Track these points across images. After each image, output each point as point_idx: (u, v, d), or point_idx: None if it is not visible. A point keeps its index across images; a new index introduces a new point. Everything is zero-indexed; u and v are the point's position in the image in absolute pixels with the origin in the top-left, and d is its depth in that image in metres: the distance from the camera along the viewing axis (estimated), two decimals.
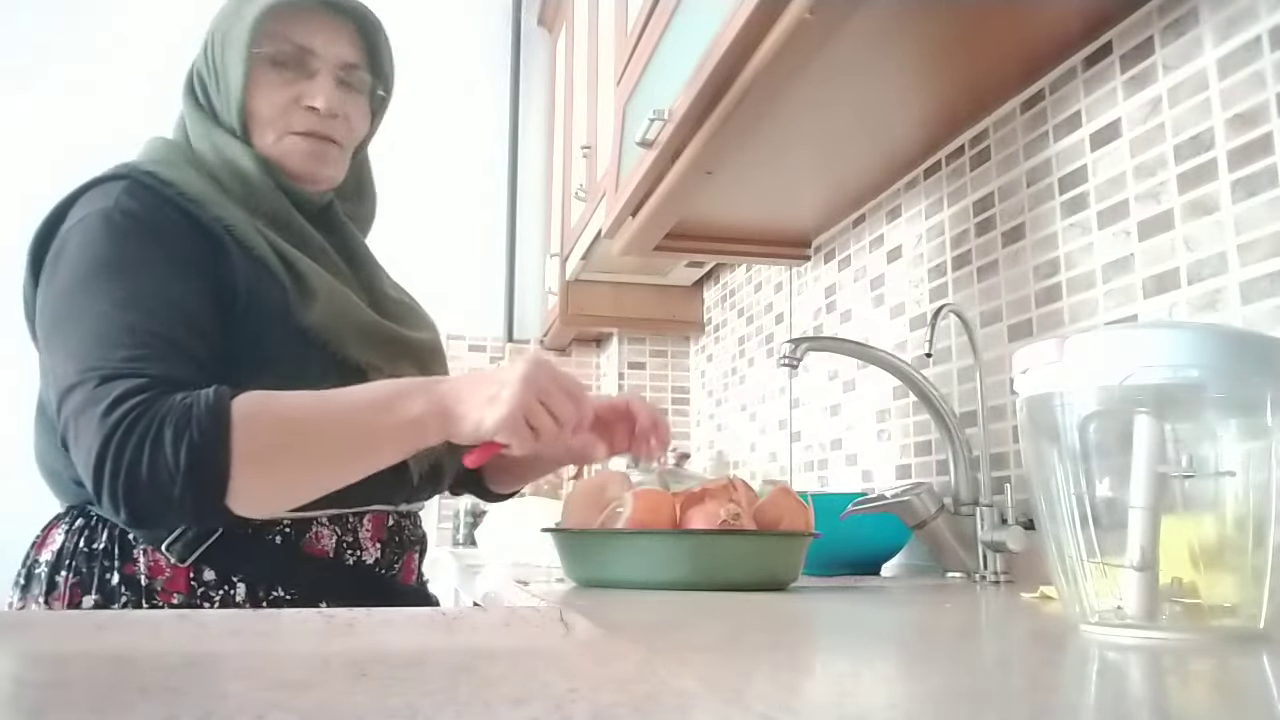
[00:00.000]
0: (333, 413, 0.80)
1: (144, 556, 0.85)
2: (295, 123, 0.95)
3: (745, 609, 0.72)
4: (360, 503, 0.91)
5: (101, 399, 0.75)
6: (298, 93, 0.95)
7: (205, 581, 0.85)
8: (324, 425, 0.79)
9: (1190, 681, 0.43)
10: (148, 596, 0.84)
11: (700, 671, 0.43)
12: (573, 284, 2.59)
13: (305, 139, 0.95)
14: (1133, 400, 0.54)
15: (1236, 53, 0.94)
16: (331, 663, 0.47)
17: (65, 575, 0.85)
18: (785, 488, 1.00)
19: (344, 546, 0.91)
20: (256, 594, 0.86)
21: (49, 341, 0.83)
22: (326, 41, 0.95)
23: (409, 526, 0.99)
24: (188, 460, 0.73)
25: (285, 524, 0.88)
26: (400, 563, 0.97)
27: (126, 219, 0.83)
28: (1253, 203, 0.91)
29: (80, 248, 0.83)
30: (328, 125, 0.96)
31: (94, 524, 0.87)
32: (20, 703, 0.38)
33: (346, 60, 0.97)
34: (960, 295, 1.38)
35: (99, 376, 0.76)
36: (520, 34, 3.18)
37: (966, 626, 0.68)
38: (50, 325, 0.83)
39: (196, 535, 0.84)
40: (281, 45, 0.94)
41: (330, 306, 0.89)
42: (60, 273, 0.83)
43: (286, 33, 0.94)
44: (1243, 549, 0.53)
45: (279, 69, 0.94)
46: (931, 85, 1.25)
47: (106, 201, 0.84)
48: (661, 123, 1.34)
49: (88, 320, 0.79)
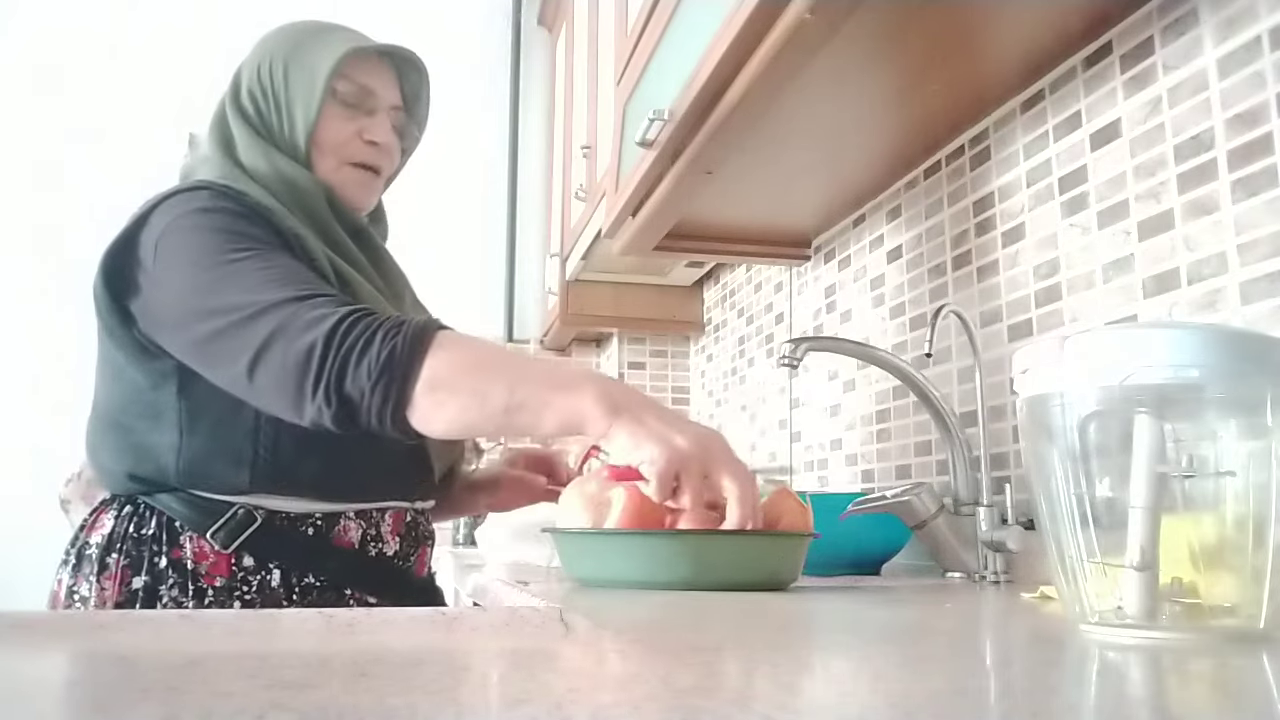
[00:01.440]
0: (515, 368, 0.83)
1: (189, 543, 0.92)
2: (354, 154, 1.05)
3: (745, 609, 0.72)
4: (383, 498, 1.00)
5: (317, 307, 0.82)
6: (359, 128, 1.05)
7: (245, 567, 0.93)
8: (506, 375, 0.81)
9: (1190, 681, 0.43)
10: (193, 579, 0.91)
11: (700, 671, 0.43)
12: (573, 284, 2.59)
13: (360, 170, 1.06)
14: (1133, 400, 0.54)
15: (1236, 53, 0.94)
16: (331, 663, 0.47)
17: (116, 557, 0.92)
18: (785, 488, 1.00)
19: (368, 539, 0.99)
20: (290, 580, 0.94)
21: (199, 303, 0.86)
22: (384, 85, 1.08)
23: (422, 522, 1.07)
24: (384, 363, 0.79)
25: (317, 517, 0.96)
26: (415, 555, 1.05)
27: (224, 214, 0.91)
28: (1253, 203, 0.91)
29: (197, 234, 0.89)
30: (379, 158, 1.07)
31: (142, 512, 0.94)
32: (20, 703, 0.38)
33: (395, 103, 1.09)
34: (960, 295, 1.38)
35: (298, 297, 0.83)
36: (520, 34, 3.18)
37: (966, 626, 0.68)
38: (196, 291, 0.87)
39: (238, 524, 0.92)
40: (351, 86, 1.05)
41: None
42: (184, 258, 0.88)
43: (355, 74, 1.05)
44: (1243, 549, 0.53)
45: (347, 106, 1.05)
46: (932, 85, 1.25)
47: (196, 203, 0.91)
48: (661, 123, 1.34)
49: (251, 273, 0.85)
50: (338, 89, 1.04)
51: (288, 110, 1.03)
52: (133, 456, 0.95)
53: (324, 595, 0.95)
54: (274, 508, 0.94)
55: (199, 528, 0.92)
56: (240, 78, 1.06)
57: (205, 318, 0.86)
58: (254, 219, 0.92)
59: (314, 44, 1.04)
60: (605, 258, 2.30)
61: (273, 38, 1.07)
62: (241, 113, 1.05)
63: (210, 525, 0.92)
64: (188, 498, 0.93)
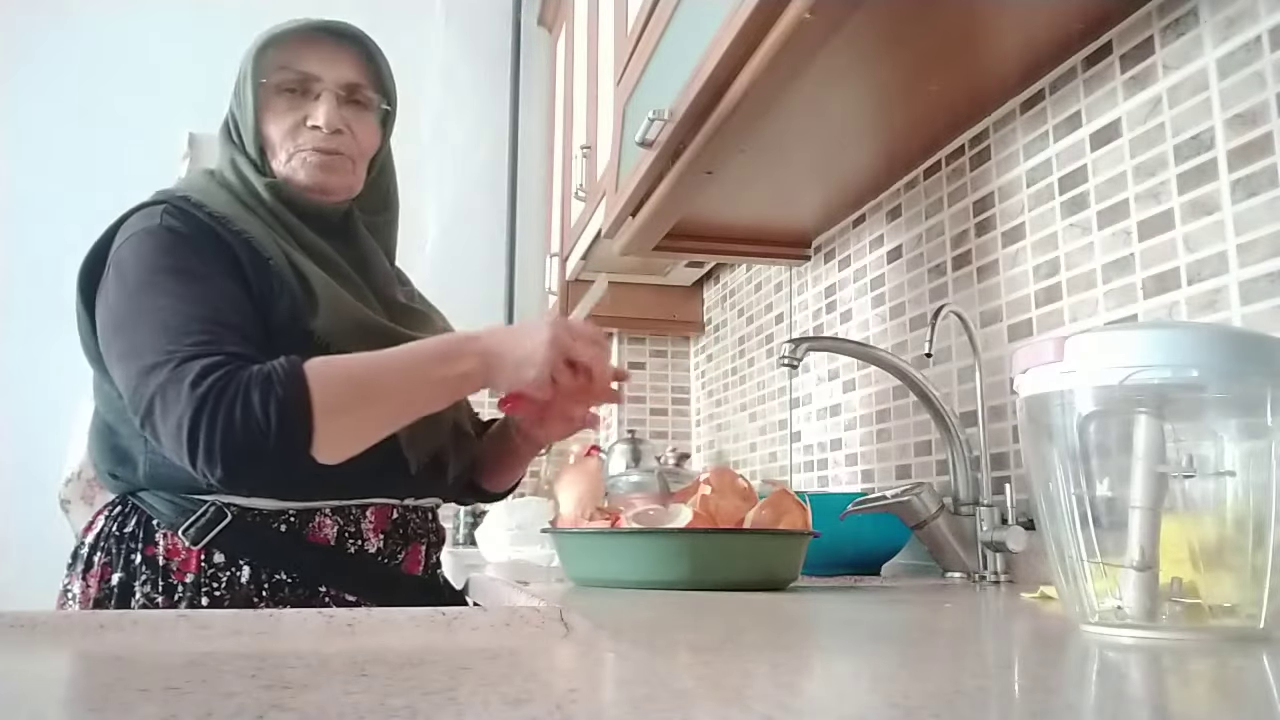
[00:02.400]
0: (395, 368, 0.90)
1: (163, 540, 0.94)
2: (303, 142, 1.03)
3: (745, 609, 0.72)
4: (361, 495, 0.98)
5: (185, 375, 0.83)
6: (303, 115, 1.03)
7: (215, 564, 0.93)
8: (389, 378, 0.89)
9: (1190, 681, 0.43)
10: (164, 576, 0.93)
11: (700, 671, 0.43)
12: (573, 284, 2.59)
13: (312, 154, 1.03)
14: (1133, 400, 0.54)
15: (1236, 53, 0.94)
16: (331, 663, 0.47)
17: (100, 555, 0.96)
18: (785, 488, 1.00)
19: (346, 536, 0.98)
20: (260, 577, 0.94)
21: (114, 341, 0.91)
22: (326, 66, 1.04)
23: (415, 520, 1.05)
24: (278, 416, 0.82)
25: (290, 514, 0.95)
26: (405, 553, 1.03)
27: (171, 233, 0.93)
28: (1253, 203, 0.91)
29: (135, 259, 0.92)
30: (332, 141, 1.03)
31: (127, 511, 0.97)
32: (20, 702, 0.38)
33: (349, 80, 1.05)
34: (960, 295, 1.38)
35: (178, 358, 0.85)
36: (520, 34, 3.18)
37: (966, 626, 0.67)
38: (116, 327, 0.91)
39: (209, 521, 0.93)
40: (286, 74, 1.03)
41: (333, 312, 0.96)
42: (119, 283, 0.92)
43: (289, 62, 1.03)
44: (1243, 549, 0.53)
45: (285, 95, 1.03)
46: (932, 85, 1.25)
47: (151, 221, 0.94)
48: (661, 123, 1.34)
49: (155, 315, 0.88)
50: (274, 80, 1.02)
51: (243, 114, 1.05)
52: (113, 457, 0.98)
53: (296, 592, 0.94)
54: (246, 505, 0.94)
55: (172, 525, 0.94)
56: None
57: (114, 356, 0.91)
58: (199, 240, 0.94)
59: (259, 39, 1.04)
60: (605, 258, 2.30)
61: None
62: (225, 127, 1.08)
63: (183, 523, 0.93)
64: (164, 496, 0.95)
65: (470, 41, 3.15)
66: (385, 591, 0.99)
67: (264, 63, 1.02)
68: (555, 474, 2.52)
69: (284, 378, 0.84)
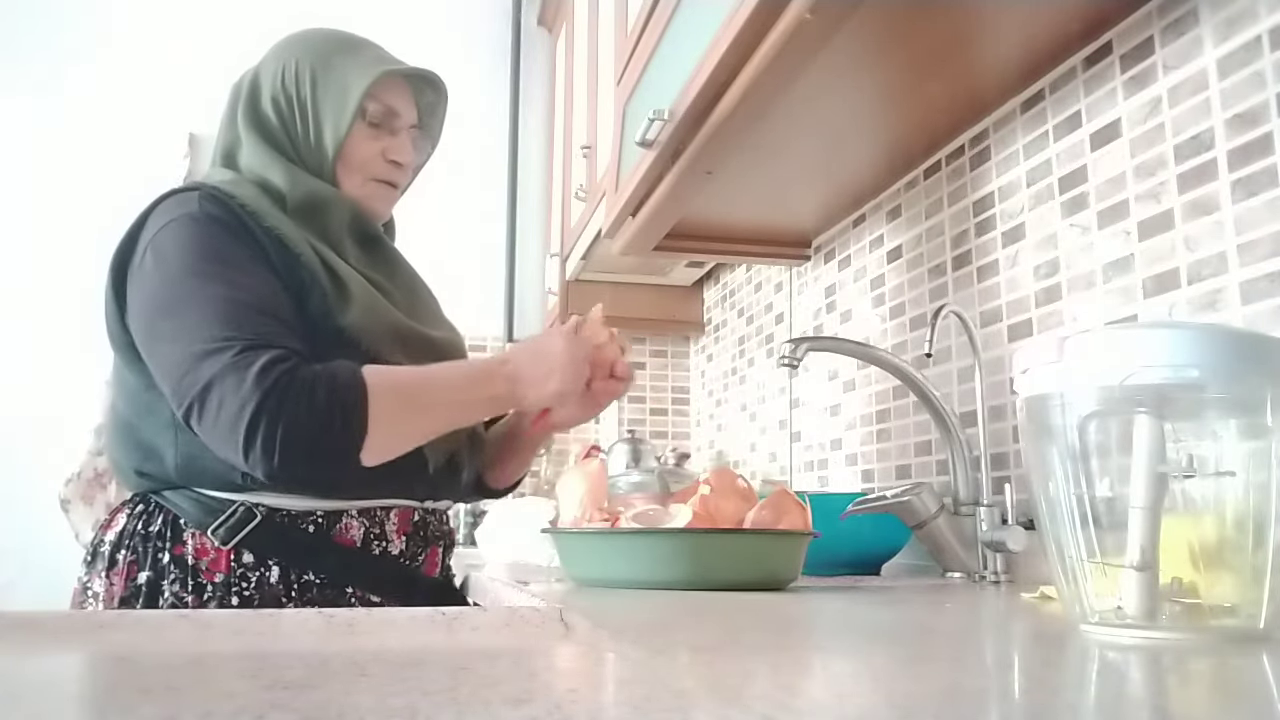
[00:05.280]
0: (438, 385, 0.95)
1: (192, 539, 0.94)
2: (378, 172, 1.09)
3: (745, 609, 0.72)
4: (386, 496, 1.00)
5: (249, 363, 0.85)
6: (384, 147, 1.08)
7: (244, 564, 0.94)
8: (432, 394, 0.94)
9: (1190, 681, 0.43)
10: (193, 575, 0.93)
11: (700, 671, 0.43)
12: (573, 284, 2.59)
13: (382, 185, 1.10)
14: (1133, 400, 0.54)
15: (1236, 53, 0.94)
16: (331, 663, 0.47)
17: (124, 554, 0.95)
18: (785, 488, 1.00)
19: (371, 537, 0.99)
20: (289, 577, 0.94)
21: (158, 323, 0.91)
22: (406, 105, 1.11)
23: (434, 522, 1.07)
24: (342, 417, 0.86)
25: (318, 515, 0.97)
26: (424, 555, 1.04)
27: (212, 221, 0.94)
28: (1253, 203, 0.91)
29: (176, 244, 0.92)
30: (399, 175, 1.11)
31: (151, 509, 0.97)
32: (21, 703, 0.38)
33: (414, 122, 1.13)
34: (960, 295, 1.38)
35: (239, 345, 0.86)
36: (520, 34, 3.18)
37: (966, 626, 0.68)
38: (160, 310, 0.91)
39: (238, 521, 0.93)
40: (379, 106, 1.07)
41: (366, 310, 0.98)
42: (159, 267, 0.92)
43: (382, 95, 1.07)
44: (1243, 549, 0.53)
45: (373, 126, 1.08)
46: (932, 85, 1.25)
47: (189, 207, 0.94)
48: (661, 123, 1.34)
49: (209, 302, 0.89)
50: (367, 109, 1.06)
51: (315, 124, 1.05)
52: (139, 453, 0.98)
53: (324, 593, 0.95)
54: (274, 505, 0.94)
55: (201, 525, 0.94)
56: (260, 84, 1.06)
57: (157, 338, 0.91)
58: (238, 230, 0.94)
59: (346, 62, 1.06)
60: (605, 258, 2.30)
61: (296, 46, 1.07)
62: (258, 118, 1.06)
63: (211, 522, 0.93)
64: (192, 495, 0.95)
65: (470, 41, 3.15)
66: (406, 593, 1.00)
67: (369, 93, 1.06)
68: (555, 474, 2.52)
69: (348, 381, 0.87)
